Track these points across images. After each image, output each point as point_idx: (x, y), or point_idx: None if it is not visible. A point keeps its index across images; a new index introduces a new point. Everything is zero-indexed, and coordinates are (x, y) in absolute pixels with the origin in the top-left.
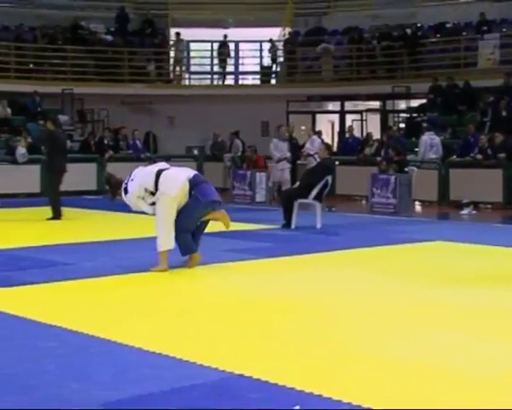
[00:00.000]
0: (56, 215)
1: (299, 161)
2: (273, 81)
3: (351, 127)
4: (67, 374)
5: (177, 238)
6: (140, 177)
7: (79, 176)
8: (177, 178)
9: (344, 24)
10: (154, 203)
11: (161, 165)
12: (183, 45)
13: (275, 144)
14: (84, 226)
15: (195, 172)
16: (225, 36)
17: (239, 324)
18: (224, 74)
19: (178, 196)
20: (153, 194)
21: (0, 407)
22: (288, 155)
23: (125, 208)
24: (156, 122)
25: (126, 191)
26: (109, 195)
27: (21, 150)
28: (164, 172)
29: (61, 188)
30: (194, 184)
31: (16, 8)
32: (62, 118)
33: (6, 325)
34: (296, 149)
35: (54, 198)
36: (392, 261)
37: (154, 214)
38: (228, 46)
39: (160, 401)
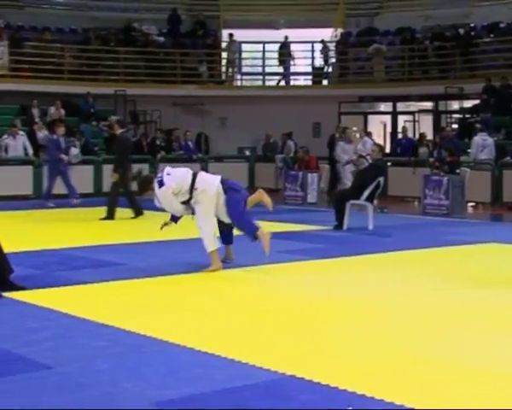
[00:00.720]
0: (110, 216)
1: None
2: (325, 82)
3: (405, 128)
4: (120, 373)
5: (241, 225)
6: (178, 175)
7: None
8: (213, 180)
9: (396, 24)
10: (184, 203)
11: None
12: (235, 46)
13: (341, 147)
14: (137, 226)
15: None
16: (286, 37)
17: (291, 324)
18: (282, 75)
19: (215, 195)
20: (187, 194)
21: (53, 404)
22: (355, 157)
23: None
24: (208, 123)
25: (162, 184)
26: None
27: (75, 151)
28: (199, 174)
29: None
30: (223, 183)
31: (70, 11)
32: (115, 119)
33: (60, 323)
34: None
35: (112, 199)
36: (444, 263)
37: (181, 216)
38: (288, 47)
39: (211, 400)
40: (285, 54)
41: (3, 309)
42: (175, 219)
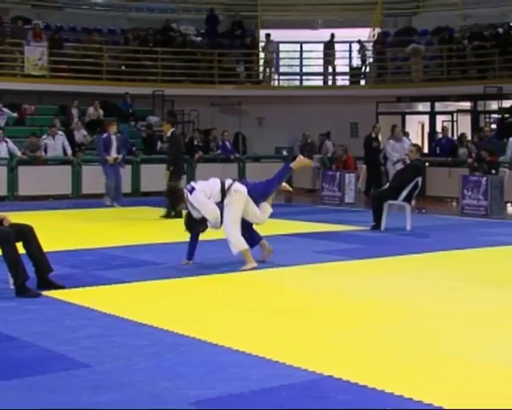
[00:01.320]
0: (168, 214)
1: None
2: (362, 82)
3: (445, 128)
4: (158, 372)
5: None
6: (206, 182)
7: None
8: (243, 186)
9: (434, 24)
10: (218, 204)
11: None
12: (273, 46)
13: (391, 146)
14: (174, 226)
15: None
16: (332, 35)
17: (329, 324)
18: (321, 74)
19: (246, 197)
20: (219, 196)
21: (92, 402)
22: (404, 156)
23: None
24: (245, 123)
25: (193, 189)
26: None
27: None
28: (226, 180)
29: (151, 189)
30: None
31: (109, 12)
32: (153, 119)
33: (99, 322)
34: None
35: (169, 198)
36: (483, 265)
37: (210, 218)
38: (333, 45)
39: (249, 400)
40: (330, 53)
41: (43, 308)
42: (190, 255)
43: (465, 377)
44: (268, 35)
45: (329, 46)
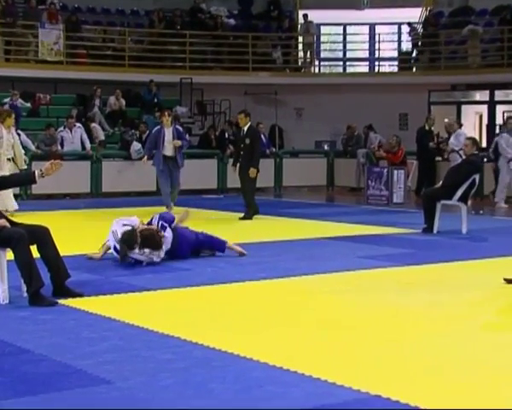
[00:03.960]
0: (251, 214)
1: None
2: (413, 68)
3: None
4: (187, 389)
5: None
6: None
7: (198, 173)
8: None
9: (493, 3)
10: None
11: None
12: (313, 29)
13: (506, 139)
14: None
15: None
16: (379, 16)
17: (374, 338)
18: (376, 60)
19: None
20: None
21: None
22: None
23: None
24: (282, 114)
25: (164, 227)
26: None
27: (137, 146)
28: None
29: (180, 186)
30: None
31: None
32: (180, 110)
33: (121, 334)
34: (437, 143)
35: (251, 196)
36: None
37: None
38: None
39: None
40: (376, 36)
41: (59, 318)
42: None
43: None
44: (305, 16)
45: (375, 28)
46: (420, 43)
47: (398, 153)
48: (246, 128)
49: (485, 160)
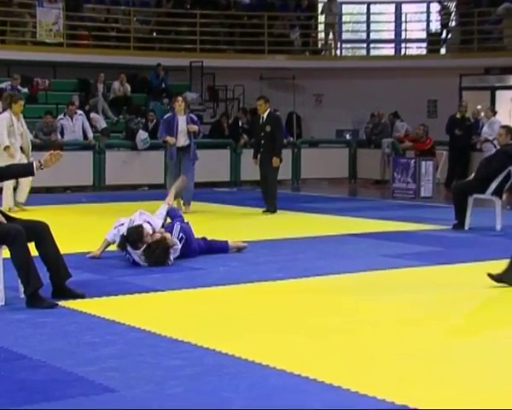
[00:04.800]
0: (274, 208)
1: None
2: (443, 50)
3: None
4: (197, 398)
5: None
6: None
7: (210, 165)
8: None
9: None
10: None
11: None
12: (335, 8)
13: None
14: (218, 224)
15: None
16: None
17: (401, 346)
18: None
19: None
20: None
21: None
22: None
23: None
24: (301, 101)
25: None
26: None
27: (143, 135)
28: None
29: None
30: None
31: None
32: (190, 96)
33: (126, 339)
34: (470, 132)
35: (274, 188)
36: None
37: None
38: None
39: None
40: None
41: (60, 321)
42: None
43: None
44: None
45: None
46: (450, 23)
47: (426, 141)
48: (265, 115)
49: None
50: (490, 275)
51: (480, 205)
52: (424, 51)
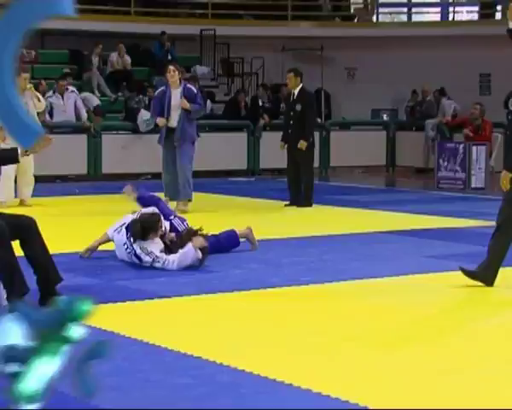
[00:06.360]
0: (310, 201)
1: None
2: (498, 15)
3: None
4: None
5: None
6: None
7: (224, 151)
8: None
9: None
10: None
11: None
12: None
13: None
14: (233, 220)
15: None
16: None
17: (439, 358)
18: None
19: None
20: None
21: None
22: None
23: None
24: (330, 75)
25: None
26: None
27: (145, 115)
28: None
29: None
30: None
31: None
32: (200, 69)
33: (126, 353)
34: None
35: (311, 177)
36: None
37: None
38: None
39: None
40: None
41: None
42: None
43: None
44: None
45: None
46: None
47: (486, 129)
48: (296, 91)
49: None
50: (463, 270)
51: None
52: (476, 17)
